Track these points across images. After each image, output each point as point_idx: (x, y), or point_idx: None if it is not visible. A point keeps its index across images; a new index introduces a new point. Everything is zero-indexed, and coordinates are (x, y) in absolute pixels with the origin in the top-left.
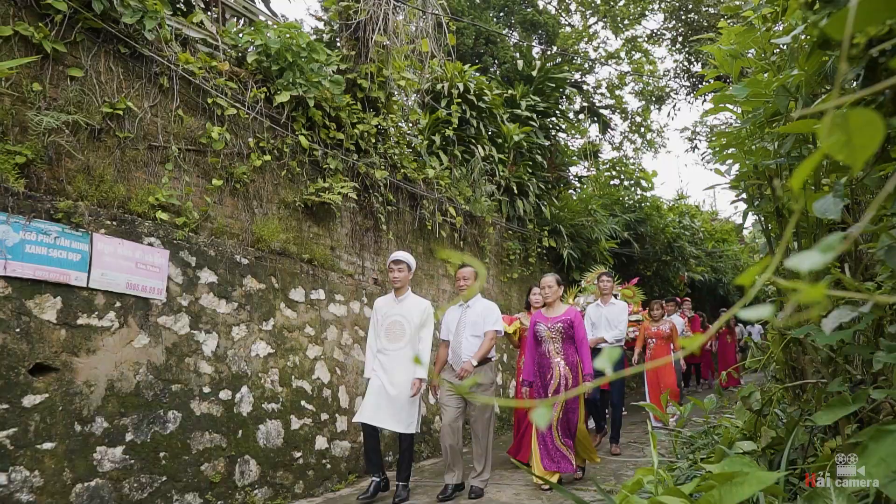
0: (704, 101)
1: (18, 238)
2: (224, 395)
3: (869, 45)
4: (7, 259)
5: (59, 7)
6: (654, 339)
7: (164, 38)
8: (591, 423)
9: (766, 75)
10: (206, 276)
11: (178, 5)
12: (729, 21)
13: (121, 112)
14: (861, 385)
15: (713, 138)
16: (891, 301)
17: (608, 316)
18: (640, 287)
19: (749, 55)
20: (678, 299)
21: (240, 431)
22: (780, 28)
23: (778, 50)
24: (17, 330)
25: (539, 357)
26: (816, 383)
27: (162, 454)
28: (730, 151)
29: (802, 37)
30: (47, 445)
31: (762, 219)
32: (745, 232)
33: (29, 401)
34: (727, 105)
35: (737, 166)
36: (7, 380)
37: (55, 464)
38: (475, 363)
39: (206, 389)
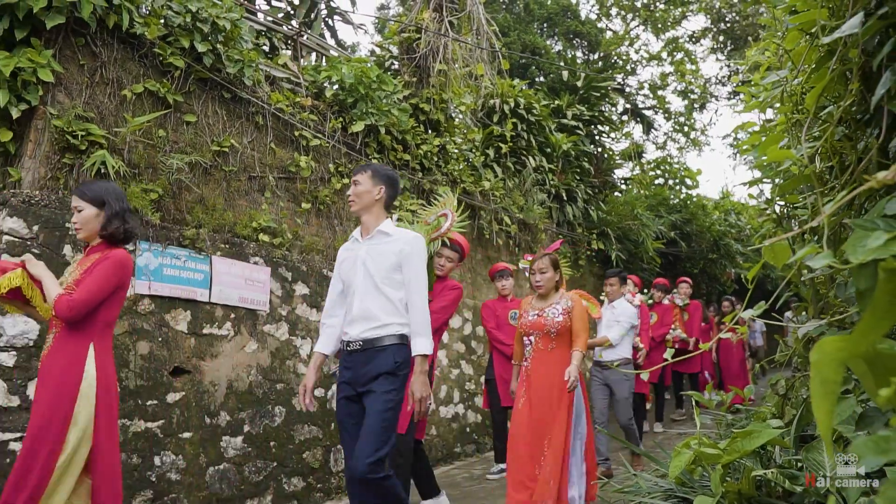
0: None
1: (157, 263)
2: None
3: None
4: (151, 281)
5: (177, 64)
6: (533, 336)
7: (257, 80)
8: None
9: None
10: (300, 288)
11: (262, 47)
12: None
13: (226, 149)
14: None
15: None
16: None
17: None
18: (563, 255)
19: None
20: (664, 282)
21: (332, 424)
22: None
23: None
24: (160, 339)
25: None
26: None
27: (272, 443)
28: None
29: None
30: (186, 434)
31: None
32: None
33: (171, 398)
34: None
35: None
36: (155, 380)
37: (193, 450)
38: None
39: None
